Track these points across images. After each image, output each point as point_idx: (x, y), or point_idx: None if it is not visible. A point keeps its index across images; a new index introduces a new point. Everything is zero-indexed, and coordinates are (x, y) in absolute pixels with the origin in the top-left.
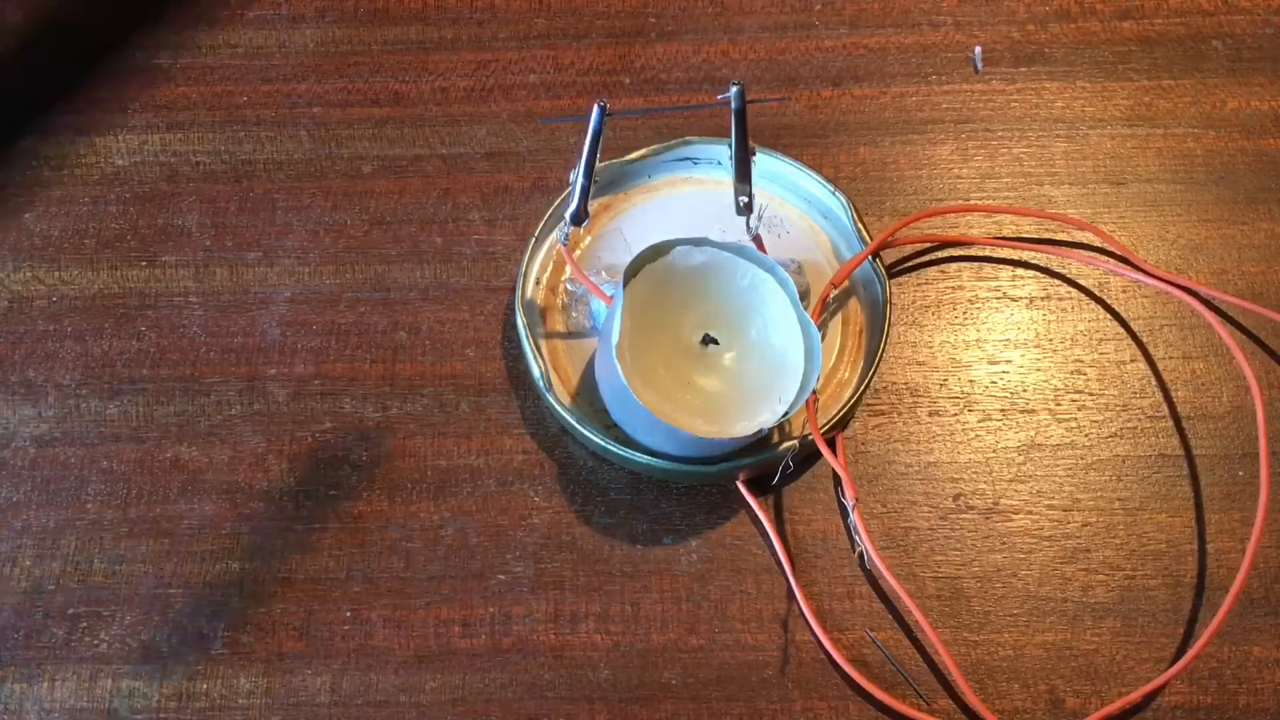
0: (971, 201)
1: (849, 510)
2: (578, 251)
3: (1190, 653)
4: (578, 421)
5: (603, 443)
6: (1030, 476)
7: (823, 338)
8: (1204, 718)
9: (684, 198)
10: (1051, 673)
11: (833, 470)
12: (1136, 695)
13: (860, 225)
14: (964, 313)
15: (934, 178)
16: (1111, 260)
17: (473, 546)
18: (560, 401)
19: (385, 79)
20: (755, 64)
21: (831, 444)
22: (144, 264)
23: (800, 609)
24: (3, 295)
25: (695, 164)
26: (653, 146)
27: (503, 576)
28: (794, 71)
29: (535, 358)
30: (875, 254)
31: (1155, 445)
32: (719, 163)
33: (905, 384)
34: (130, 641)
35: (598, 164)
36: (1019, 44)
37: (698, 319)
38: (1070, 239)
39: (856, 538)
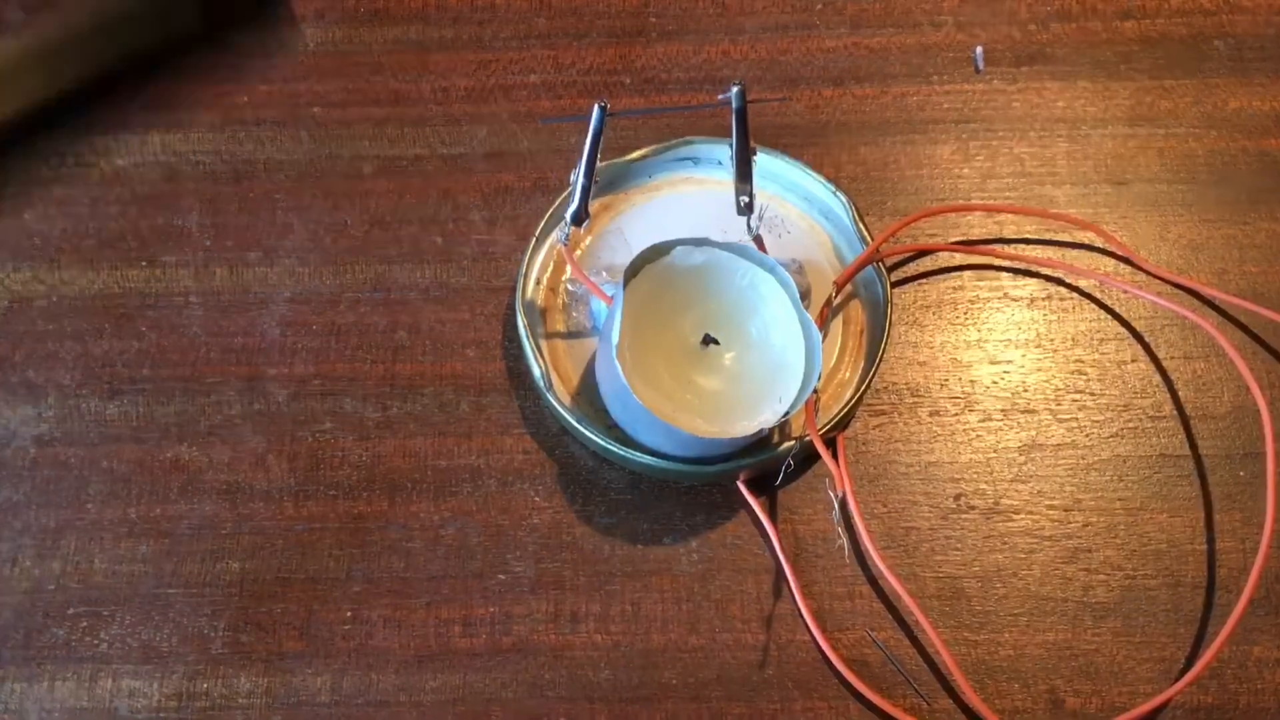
0: (973, 201)
1: (834, 503)
2: (578, 251)
3: (1201, 661)
4: (578, 421)
5: (603, 443)
6: (1031, 476)
7: (824, 338)
8: (1204, 718)
9: (684, 198)
10: (1052, 673)
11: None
12: (1148, 707)
13: (861, 225)
14: (965, 313)
15: (935, 177)
16: (1113, 260)
17: (473, 546)
18: (560, 401)
19: (385, 79)
20: (756, 64)
21: (832, 444)
22: (144, 264)
23: (800, 609)
24: (3, 295)
25: (696, 164)
26: (653, 146)
27: (503, 576)
28: (795, 71)
29: (535, 358)
30: (876, 253)
31: (1157, 445)
32: (719, 163)
33: (906, 384)
34: (130, 641)
35: (598, 164)
36: (1020, 44)
37: (698, 319)
38: (1072, 239)
39: (839, 528)
